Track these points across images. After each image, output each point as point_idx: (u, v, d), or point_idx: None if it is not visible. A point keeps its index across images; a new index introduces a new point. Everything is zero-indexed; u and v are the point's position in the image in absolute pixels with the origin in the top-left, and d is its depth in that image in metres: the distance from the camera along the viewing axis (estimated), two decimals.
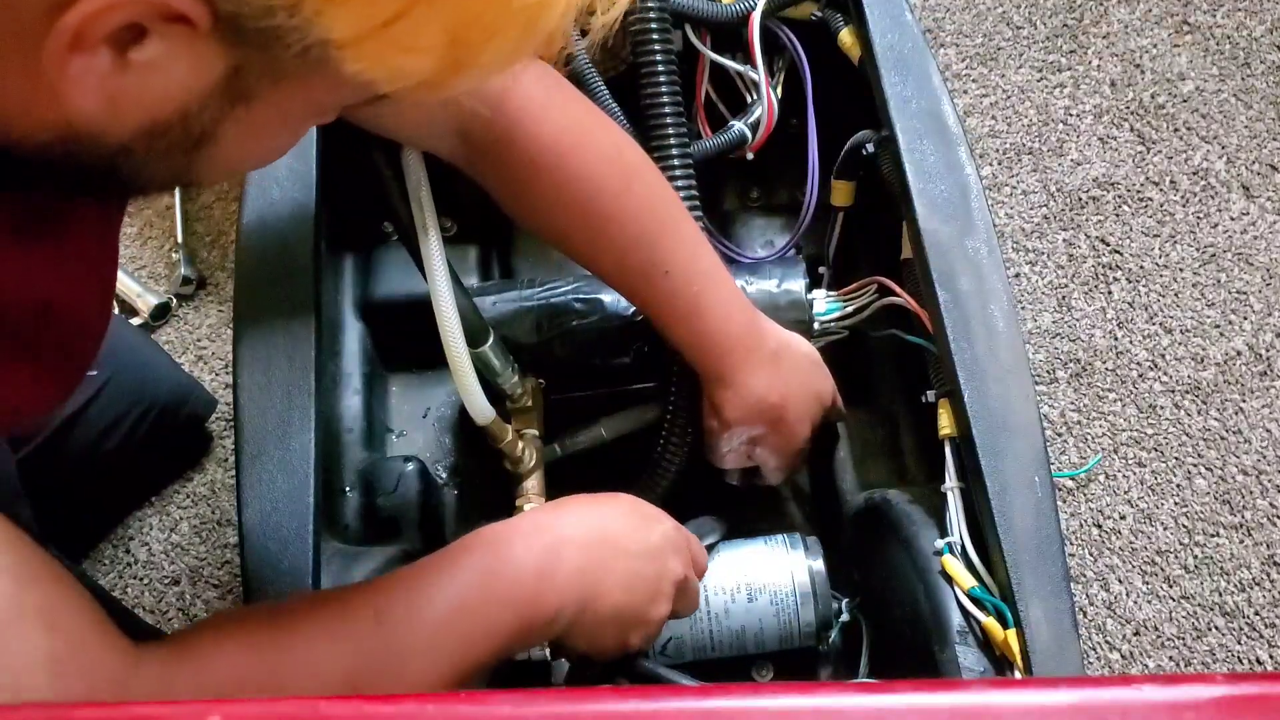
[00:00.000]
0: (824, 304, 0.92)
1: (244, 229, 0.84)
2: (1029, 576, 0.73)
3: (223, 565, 1.14)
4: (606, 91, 0.92)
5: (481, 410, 0.83)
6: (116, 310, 1.24)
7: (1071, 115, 1.36)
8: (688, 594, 0.75)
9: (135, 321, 1.23)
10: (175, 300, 1.24)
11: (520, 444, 0.89)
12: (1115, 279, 1.26)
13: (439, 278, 0.78)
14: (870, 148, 0.91)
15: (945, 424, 0.80)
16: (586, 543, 0.68)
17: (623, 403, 0.96)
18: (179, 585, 1.13)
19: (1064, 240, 1.28)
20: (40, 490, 0.85)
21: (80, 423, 1.03)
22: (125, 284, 1.23)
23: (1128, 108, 1.36)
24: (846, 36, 0.94)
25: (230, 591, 1.13)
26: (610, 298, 0.93)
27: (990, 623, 0.73)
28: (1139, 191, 1.31)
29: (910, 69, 0.89)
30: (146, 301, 1.22)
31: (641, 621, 0.71)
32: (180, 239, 1.27)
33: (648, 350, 0.93)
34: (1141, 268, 1.26)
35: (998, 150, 1.34)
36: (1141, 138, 1.34)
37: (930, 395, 0.83)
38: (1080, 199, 1.30)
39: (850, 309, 0.92)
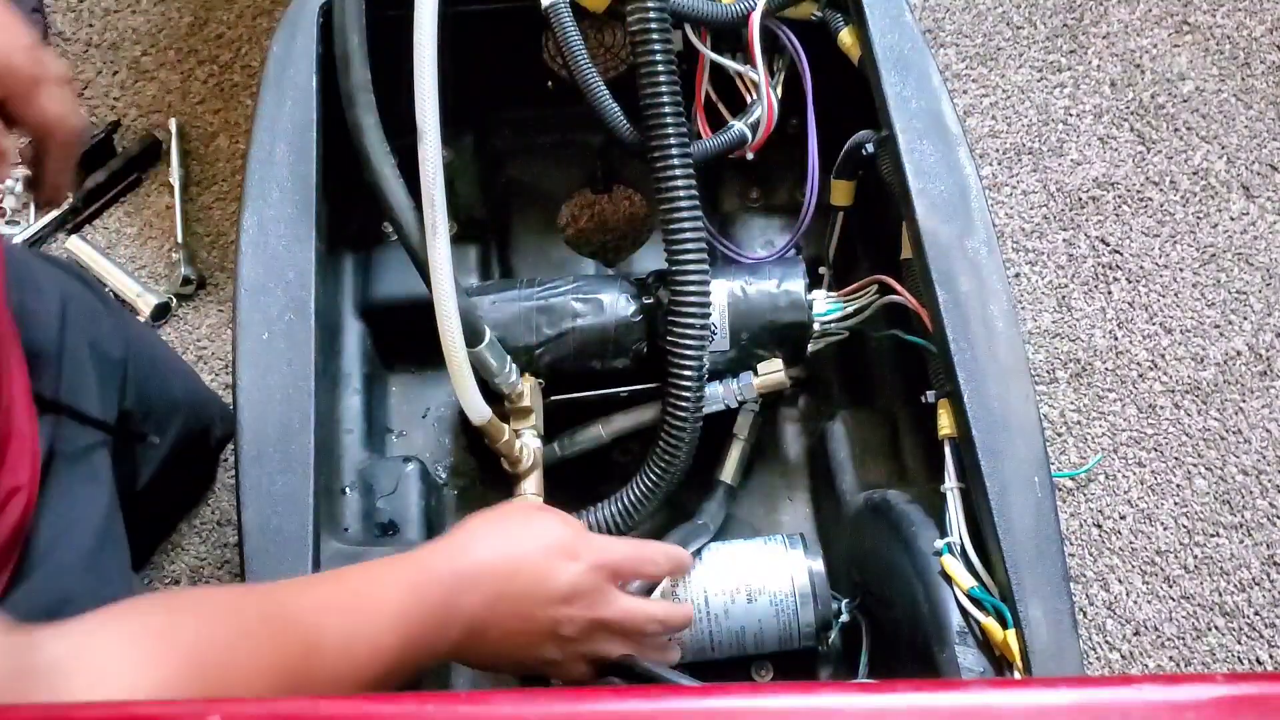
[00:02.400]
0: (824, 304, 0.92)
1: (244, 229, 0.84)
2: (1028, 577, 0.73)
3: (223, 565, 1.14)
4: (607, 92, 0.92)
5: (477, 410, 0.83)
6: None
7: (1071, 115, 1.36)
8: (614, 632, 0.74)
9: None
10: (175, 300, 1.24)
11: (518, 444, 0.89)
12: (1115, 279, 1.26)
13: (442, 276, 0.78)
14: (870, 148, 0.91)
15: (945, 424, 0.80)
16: (492, 581, 0.69)
17: (622, 404, 0.96)
18: (179, 585, 1.13)
19: (1064, 240, 1.28)
20: None
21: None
22: (125, 284, 1.23)
23: (1128, 108, 1.36)
24: (846, 36, 0.94)
25: None
26: (609, 298, 0.93)
27: (989, 623, 0.73)
28: (1139, 191, 1.31)
29: (910, 69, 0.89)
30: (146, 301, 1.22)
31: (532, 660, 0.72)
32: (180, 239, 1.27)
33: (646, 351, 0.93)
34: (1141, 268, 1.26)
35: (998, 150, 1.34)
36: (1141, 138, 1.34)
37: (930, 395, 0.83)
38: (1080, 199, 1.30)
39: (851, 309, 0.92)
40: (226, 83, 1.36)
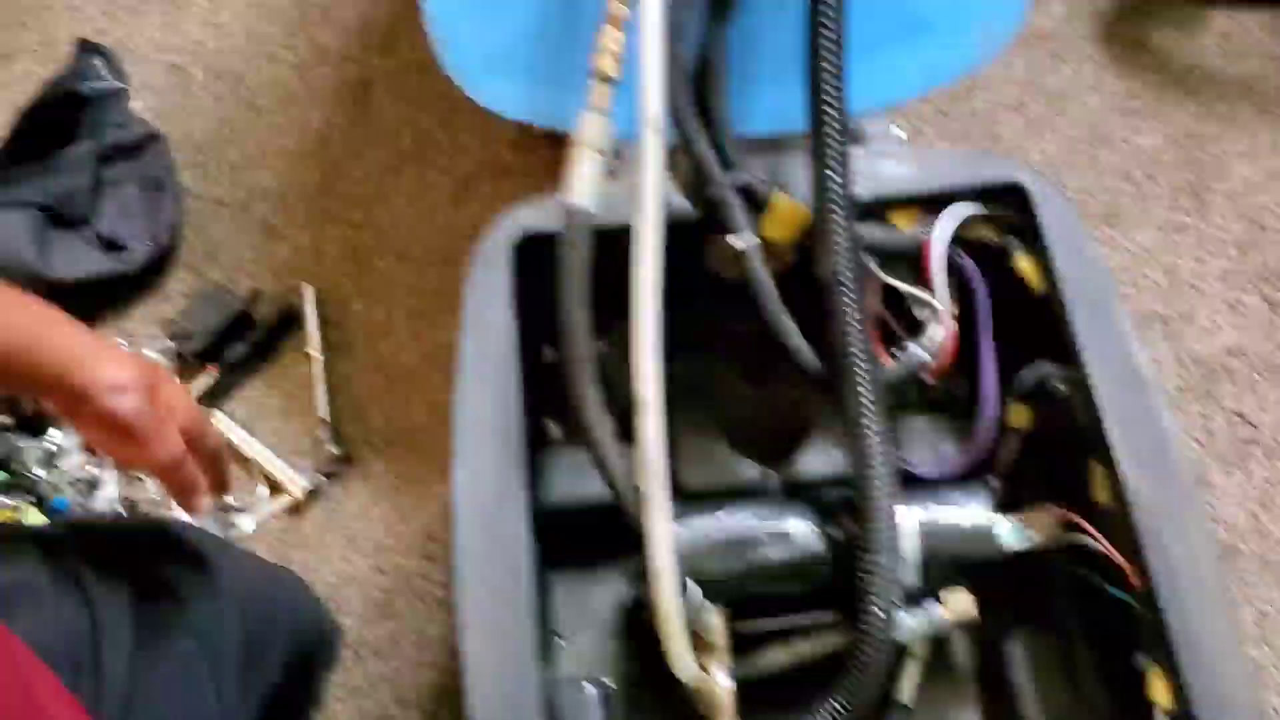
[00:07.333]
0: (1010, 537, 0.93)
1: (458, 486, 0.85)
2: None
3: None
4: (794, 326, 0.92)
5: (688, 668, 0.83)
6: (267, 494, 1.25)
7: (1199, 279, 1.36)
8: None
9: (283, 502, 1.24)
10: (324, 479, 1.24)
11: (710, 686, 0.89)
12: (1253, 454, 1.26)
13: (662, 551, 0.78)
14: (1061, 387, 0.91)
15: (1161, 697, 0.80)
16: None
17: (802, 629, 0.97)
18: None
19: (1198, 413, 1.28)
20: None
21: None
22: (274, 466, 1.24)
23: (1256, 272, 1.36)
24: (1022, 261, 0.94)
25: None
26: (795, 528, 0.93)
27: None
28: (1269, 359, 1.31)
29: (1098, 308, 0.90)
30: (298, 486, 1.22)
31: None
32: (324, 414, 1.27)
33: (833, 581, 0.93)
34: (1276, 440, 1.26)
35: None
36: (1270, 303, 1.34)
37: (1139, 659, 0.83)
38: (1212, 369, 1.30)
39: (1038, 540, 0.92)
40: (360, 246, 1.37)
